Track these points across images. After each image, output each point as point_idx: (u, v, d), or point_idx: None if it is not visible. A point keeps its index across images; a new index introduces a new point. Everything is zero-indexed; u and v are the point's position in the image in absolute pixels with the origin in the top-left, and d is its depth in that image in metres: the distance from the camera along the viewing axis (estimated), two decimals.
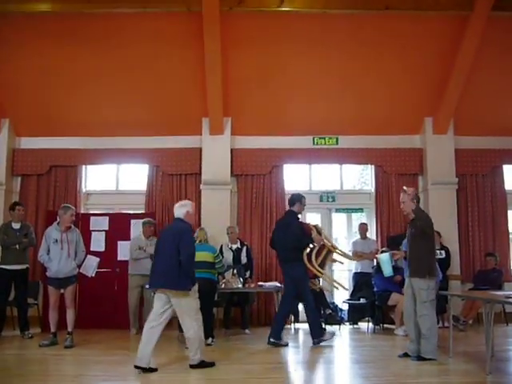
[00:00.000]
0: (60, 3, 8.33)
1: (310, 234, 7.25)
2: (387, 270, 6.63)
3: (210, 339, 7.31)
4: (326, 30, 8.79)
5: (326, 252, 7.41)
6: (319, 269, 7.27)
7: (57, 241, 7.25)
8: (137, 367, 5.51)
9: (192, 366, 5.72)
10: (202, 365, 5.73)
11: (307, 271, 7.28)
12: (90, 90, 9.44)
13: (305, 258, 7.18)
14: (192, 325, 5.69)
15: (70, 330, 7.26)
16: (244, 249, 8.85)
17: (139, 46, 8.87)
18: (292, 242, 7.15)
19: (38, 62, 9.05)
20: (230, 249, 8.79)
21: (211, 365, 5.81)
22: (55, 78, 9.26)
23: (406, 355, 6.31)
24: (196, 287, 5.77)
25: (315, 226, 7.46)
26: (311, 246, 7.30)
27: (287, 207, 9.86)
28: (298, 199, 7.48)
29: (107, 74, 9.22)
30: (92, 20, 8.56)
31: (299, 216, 7.55)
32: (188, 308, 5.69)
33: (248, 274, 8.68)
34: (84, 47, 8.86)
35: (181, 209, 5.93)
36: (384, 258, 6.64)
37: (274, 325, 7.39)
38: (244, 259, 8.76)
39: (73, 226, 7.49)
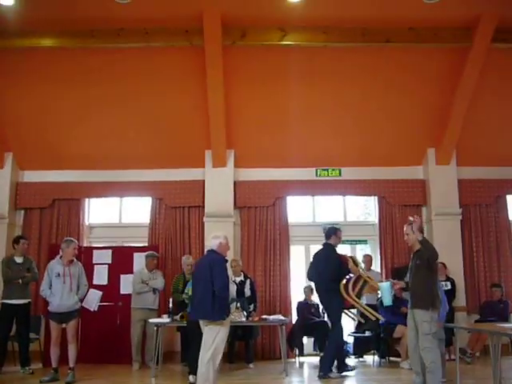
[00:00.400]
0: (63, 38, 8.43)
1: (346, 266, 7.39)
2: (387, 299, 6.61)
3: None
4: (327, 63, 8.87)
5: (363, 282, 7.46)
6: (356, 299, 7.34)
7: (59, 275, 7.21)
8: None
9: None
10: None
11: (343, 302, 7.41)
12: (93, 123, 9.52)
13: (341, 289, 7.31)
14: (214, 354, 5.73)
15: (71, 365, 7.16)
16: (247, 281, 8.77)
17: (142, 79, 8.97)
18: (331, 274, 7.38)
19: (42, 96, 9.15)
20: (234, 282, 8.71)
21: None
22: (58, 111, 9.35)
23: None
24: (229, 319, 5.93)
25: (352, 258, 7.59)
26: (348, 276, 7.42)
27: (291, 239, 9.93)
28: (333, 232, 7.72)
29: (110, 107, 9.30)
30: (95, 54, 8.66)
31: (336, 248, 7.76)
32: (212, 339, 5.75)
33: (252, 307, 8.58)
34: (87, 81, 8.95)
35: (214, 240, 6.18)
36: (385, 286, 6.61)
37: (322, 358, 7.60)
38: (248, 292, 8.67)
39: (75, 260, 7.46)
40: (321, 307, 9.39)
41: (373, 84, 9.14)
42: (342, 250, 10.35)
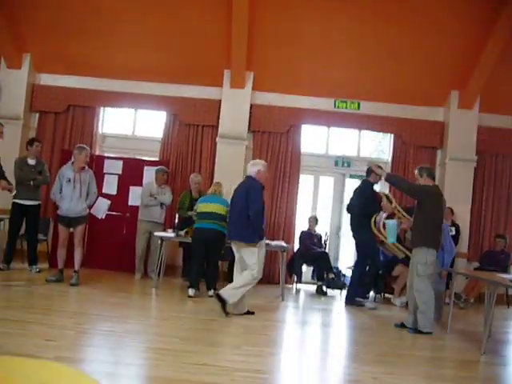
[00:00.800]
0: None
1: (379, 203, 7.51)
2: (391, 237, 6.71)
3: (212, 291, 7.39)
4: None
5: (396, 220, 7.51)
6: (385, 235, 7.38)
7: (70, 180, 7.31)
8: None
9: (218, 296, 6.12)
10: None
11: (373, 237, 7.63)
12: (113, 31, 9.33)
13: (372, 225, 7.50)
14: (245, 277, 6.17)
15: (76, 268, 7.39)
16: None
17: None
18: (363, 210, 7.67)
19: (60, 1, 8.94)
20: None
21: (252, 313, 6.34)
22: (78, 16, 9.15)
23: (402, 325, 6.36)
24: (263, 241, 6.31)
25: (385, 195, 7.62)
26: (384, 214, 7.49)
27: (301, 168, 9.92)
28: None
29: (132, 16, 9.10)
30: None
31: (373, 186, 8.01)
32: (249, 260, 6.17)
33: None
34: None
35: (253, 167, 6.43)
36: (391, 224, 6.71)
37: (348, 288, 8.11)
38: None
39: (87, 167, 7.53)
40: (323, 238, 9.53)
41: (401, 17, 8.80)
42: (352, 183, 10.44)
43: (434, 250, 6.15)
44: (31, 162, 8.25)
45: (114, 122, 10.59)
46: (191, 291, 7.25)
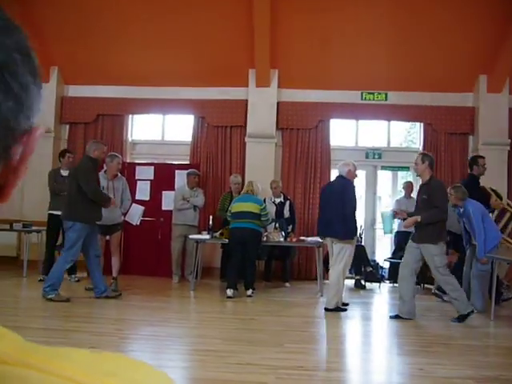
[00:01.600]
0: None
1: (488, 200, 7.31)
2: (387, 228, 6.68)
3: (251, 291, 7.41)
4: None
5: (509, 217, 7.30)
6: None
7: (103, 188, 7.39)
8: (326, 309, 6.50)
9: (326, 309, 6.46)
10: (337, 309, 6.48)
11: None
12: (137, 39, 9.40)
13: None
14: (337, 271, 6.45)
15: (114, 275, 7.47)
16: (287, 203, 8.82)
17: None
18: None
19: (87, 10, 9.04)
20: (273, 202, 8.77)
21: (344, 310, 6.55)
22: (103, 26, 9.24)
23: (397, 316, 6.28)
24: (356, 238, 6.71)
25: (494, 191, 7.38)
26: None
27: (332, 162, 9.86)
28: (474, 163, 7.70)
29: (156, 23, 9.15)
30: None
31: (479, 180, 7.73)
32: (342, 255, 6.46)
33: (290, 228, 8.68)
34: None
35: (344, 167, 6.82)
36: (388, 214, 6.67)
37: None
38: (287, 213, 8.74)
39: (119, 175, 7.62)
40: (358, 231, 9.43)
41: (424, 5, 8.67)
42: (384, 175, 10.35)
43: (444, 240, 6.18)
44: (64, 173, 8.36)
45: (142, 128, 10.69)
46: (229, 292, 7.26)
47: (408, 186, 9.61)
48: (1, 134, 0.49)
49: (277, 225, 8.31)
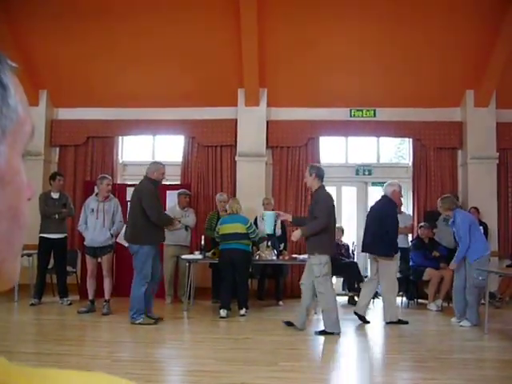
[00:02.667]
0: None
1: None
2: (268, 227, 6.75)
3: (244, 310, 7.38)
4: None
5: None
6: None
7: (93, 210, 7.41)
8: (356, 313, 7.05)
9: (387, 323, 6.89)
10: (399, 322, 6.86)
11: None
12: (126, 61, 9.45)
13: None
14: (387, 287, 6.92)
15: (107, 297, 7.43)
16: (279, 221, 8.81)
17: (176, 16, 8.81)
18: None
19: (76, 34, 9.08)
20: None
21: (406, 323, 6.86)
22: (92, 49, 9.29)
23: (289, 324, 6.51)
24: (398, 255, 7.08)
25: None
26: None
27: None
28: None
29: (145, 45, 9.20)
30: None
31: None
32: (388, 271, 6.87)
33: (282, 246, 8.68)
34: (120, 18, 8.84)
35: (389, 187, 7.12)
36: (268, 214, 6.75)
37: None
38: (278, 231, 8.74)
39: (111, 196, 7.62)
40: (351, 248, 9.45)
41: (411, 22, 8.78)
42: (375, 191, 10.39)
43: (325, 254, 6.16)
44: (55, 195, 8.36)
45: (133, 149, 10.69)
46: (223, 312, 7.23)
47: None
48: None
49: (269, 243, 8.30)
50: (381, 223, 6.80)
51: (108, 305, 7.38)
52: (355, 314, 7.10)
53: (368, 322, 7.03)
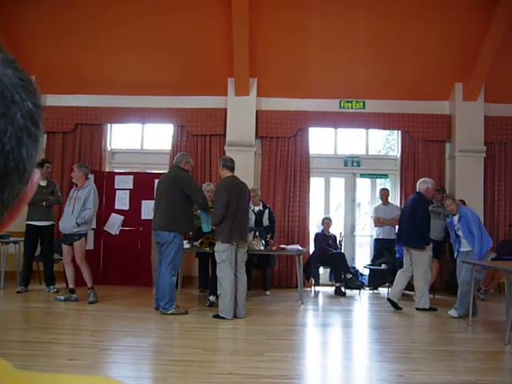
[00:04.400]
0: None
1: None
2: (206, 226, 6.95)
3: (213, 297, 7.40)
4: None
5: None
6: None
7: (69, 198, 7.45)
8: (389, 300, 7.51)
9: (418, 309, 7.33)
10: (430, 309, 7.29)
11: None
12: (116, 48, 9.38)
13: None
14: (420, 276, 7.34)
15: (89, 285, 7.38)
16: (266, 211, 8.82)
17: (167, 6, 8.74)
18: None
19: (64, 18, 8.99)
20: (253, 211, 8.77)
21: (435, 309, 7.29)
22: (81, 35, 9.20)
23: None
24: (430, 246, 7.44)
25: None
26: None
27: (311, 170, 9.92)
28: None
29: (134, 32, 9.14)
30: None
31: None
32: (420, 261, 7.31)
33: (269, 236, 8.70)
34: (111, 5, 8.76)
35: (422, 184, 7.59)
36: (204, 214, 6.86)
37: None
38: (266, 222, 8.75)
39: (87, 183, 7.50)
40: (338, 239, 9.49)
41: (400, 13, 8.78)
42: (363, 183, 10.43)
43: (225, 242, 6.42)
44: (42, 183, 8.29)
45: (121, 137, 10.65)
46: (212, 297, 7.30)
47: (384, 193, 9.72)
48: (21, 181, 0.52)
49: (257, 233, 8.31)
50: (413, 218, 7.33)
51: (93, 292, 7.34)
52: (388, 300, 7.53)
53: (400, 309, 7.38)
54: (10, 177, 0.51)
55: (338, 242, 9.45)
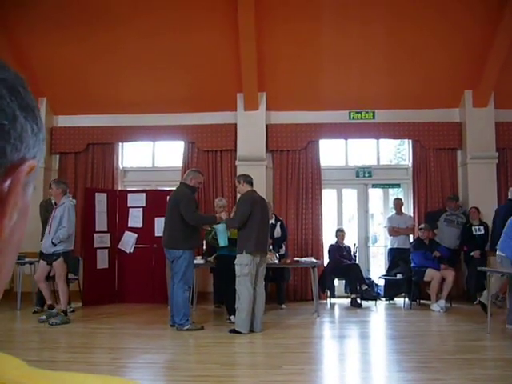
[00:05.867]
0: None
1: None
2: (222, 240, 6.83)
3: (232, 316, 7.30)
4: (363, 1, 8.60)
5: None
6: None
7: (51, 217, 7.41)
8: None
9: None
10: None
11: None
12: (126, 68, 9.48)
13: None
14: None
15: (62, 308, 7.28)
16: (278, 224, 8.82)
17: (175, 23, 8.83)
18: None
19: (75, 40, 9.10)
20: None
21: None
22: (92, 56, 9.31)
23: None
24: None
25: None
26: None
27: (323, 182, 9.91)
28: None
29: (143, 51, 9.22)
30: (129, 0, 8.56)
31: None
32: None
33: (283, 249, 8.67)
34: (119, 25, 8.86)
35: None
36: (220, 228, 6.86)
37: None
38: (278, 234, 8.73)
39: (64, 200, 7.33)
40: (352, 250, 9.45)
41: (408, 23, 8.81)
42: (375, 193, 10.41)
43: (250, 253, 6.38)
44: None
45: (133, 155, 10.72)
46: (233, 318, 7.16)
47: (398, 203, 9.71)
48: None
49: (271, 247, 8.30)
50: (505, 225, 7.20)
51: (61, 316, 7.12)
52: (480, 302, 7.37)
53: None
54: None
55: (352, 254, 9.41)
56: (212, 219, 7.13)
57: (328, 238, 9.85)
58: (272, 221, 8.79)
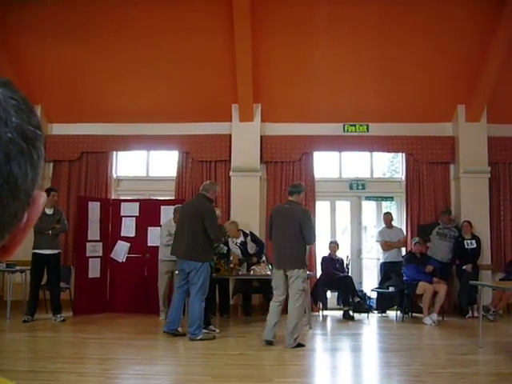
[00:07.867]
0: None
1: None
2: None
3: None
4: (357, 14, 8.65)
5: None
6: None
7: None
8: None
9: None
10: None
11: None
12: (120, 77, 9.49)
13: None
14: None
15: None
16: (248, 239, 8.83)
17: (170, 33, 8.87)
18: None
19: (70, 49, 9.12)
20: (236, 245, 8.79)
21: None
22: (86, 64, 9.33)
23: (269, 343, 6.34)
24: None
25: None
26: None
27: (317, 194, 9.93)
28: None
29: (138, 61, 9.25)
30: (124, 8, 8.56)
31: None
32: None
33: (264, 258, 8.64)
34: (115, 35, 8.89)
35: None
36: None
37: None
38: (252, 249, 8.74)
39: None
40: (345, 262, 9.45)
41: (402, 37, 8.89)
42: (368, 206, 10.43)
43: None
44: (49, 211, 8.31)
45: (127, 164, 10.71)
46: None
47: (387, 218, 9.76)
48: (23, 201, 0.52)
49: (264, 258, 8.30)
50: None
51: None
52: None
53: None
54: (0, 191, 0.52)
55: (345, 266, 9.41)
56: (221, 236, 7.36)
57: (321, 250, 9.84)
58: (241, 238, 8.80)
